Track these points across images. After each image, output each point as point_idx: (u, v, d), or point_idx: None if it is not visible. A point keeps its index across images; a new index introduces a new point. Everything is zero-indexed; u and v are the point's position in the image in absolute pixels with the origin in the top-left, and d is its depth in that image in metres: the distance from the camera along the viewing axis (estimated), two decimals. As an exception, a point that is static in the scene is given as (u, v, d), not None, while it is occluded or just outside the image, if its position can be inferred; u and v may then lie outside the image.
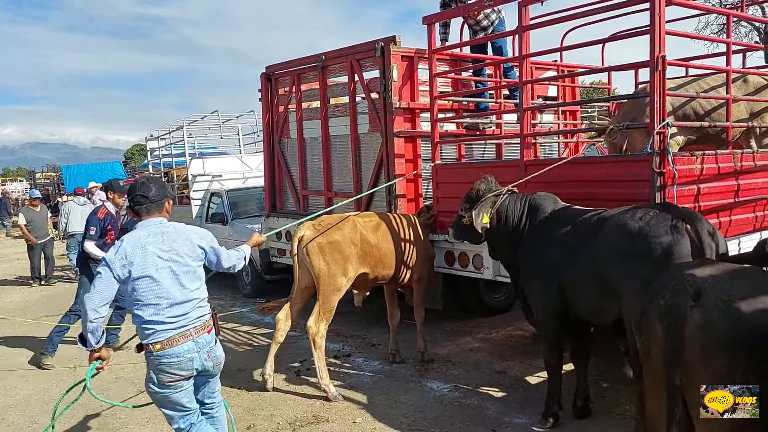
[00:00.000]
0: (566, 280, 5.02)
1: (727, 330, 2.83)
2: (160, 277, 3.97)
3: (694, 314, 2.92)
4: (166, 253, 4.02)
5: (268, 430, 5.54)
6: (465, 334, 8.11)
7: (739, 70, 6.37)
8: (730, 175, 5.98)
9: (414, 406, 5.85)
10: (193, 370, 4.06)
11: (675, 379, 2.95)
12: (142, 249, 3.98)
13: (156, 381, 4.02)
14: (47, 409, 6.23)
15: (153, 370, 4.01)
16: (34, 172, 44.93)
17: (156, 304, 3.96)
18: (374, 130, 7.88)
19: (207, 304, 4.23)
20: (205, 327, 4.12)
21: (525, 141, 6.38)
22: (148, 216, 4.16)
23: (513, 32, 6.39)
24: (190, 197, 13.23)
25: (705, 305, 2.91)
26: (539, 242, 5.29)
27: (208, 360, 4.11)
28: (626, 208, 4.78)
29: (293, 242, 6.45)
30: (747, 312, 2.84)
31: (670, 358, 2.98)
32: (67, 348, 8.40)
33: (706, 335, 2.87)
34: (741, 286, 2.96)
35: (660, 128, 5.27)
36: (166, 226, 4.18)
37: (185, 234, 4.20)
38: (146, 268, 3.95)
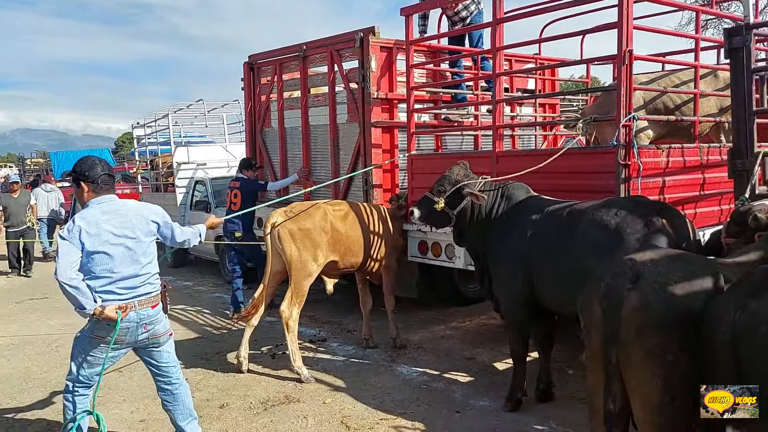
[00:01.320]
0: (536, 270, 5.13)
1: (662, 311, 2.99)
2: (114, 252, 4.17)
3: (631, 296, 3.07)
4: (119, 229, 4.21)
5: (242, 408, 5.67)
6: (438, 322, 8.27)
7: (707, 65, 6.50)
8: (696, 169, 6.13)
9: (383, 388, 6.00)
10: (126, 338, 4.29)
11: (612, 357, 3.10)
12: (96, 226, 4.16)
13: (88, 331, 4.29)
14: (27, 387, 6.38)
15: (92, 326, 4.26)
16: (23, 158, 44.74)
17: (107, 277, 4.18)
18: (353, 120, 8.01)
19: (158, 280, 4.46)
20: (150, 302, 4.35)
21: (497, 133, 6.51)
22: (98, 194, 4.33)
23: (488, 24, 6.50)
24: (175, 185, 13.32)
25: (642, 288, 3.05)
26: (510, 231, 5.38)
27: (145, 332, 4.33)
28: (601, 202, 4.89)
29: (265, 228, 6.58)
30: (681, 294, 3.00)
31: (607, 338, 3.13)
32: (48, 328, 8.55)
33: (642, 316, 3.02)
34: (678, 270, 3.10)
35: (626, 121, 5.41)
36: (118, 203, 4.38)
37: (138, 210, 4.41)
38: (100, 244, 4.14)
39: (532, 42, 7.35)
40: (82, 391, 4.42)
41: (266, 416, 5.49)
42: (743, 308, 2.72)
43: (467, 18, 8.24)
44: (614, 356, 3.09)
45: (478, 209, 5.60)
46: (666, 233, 4.44)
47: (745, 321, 2.70)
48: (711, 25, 19.49)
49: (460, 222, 5.67)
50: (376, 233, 6.93)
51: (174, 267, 13.26)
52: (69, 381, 4.41)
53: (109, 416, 5.58)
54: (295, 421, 5.36)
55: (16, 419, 5.66)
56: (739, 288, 2.87)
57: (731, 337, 2.73)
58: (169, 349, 4.59)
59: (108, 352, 4.31)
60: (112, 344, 4.23)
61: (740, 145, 4.48)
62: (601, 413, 3.21)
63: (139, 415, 5.61)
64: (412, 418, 5.31)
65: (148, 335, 4.38)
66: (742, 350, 2.71)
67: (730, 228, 4.07)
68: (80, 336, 4.38)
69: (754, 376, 2.69)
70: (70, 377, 4.40)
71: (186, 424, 4.69)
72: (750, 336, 2.68)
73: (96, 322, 4.24)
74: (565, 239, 4.87)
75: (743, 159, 4.44)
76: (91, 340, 4.30)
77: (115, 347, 4.33)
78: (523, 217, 5.31)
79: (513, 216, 5.41)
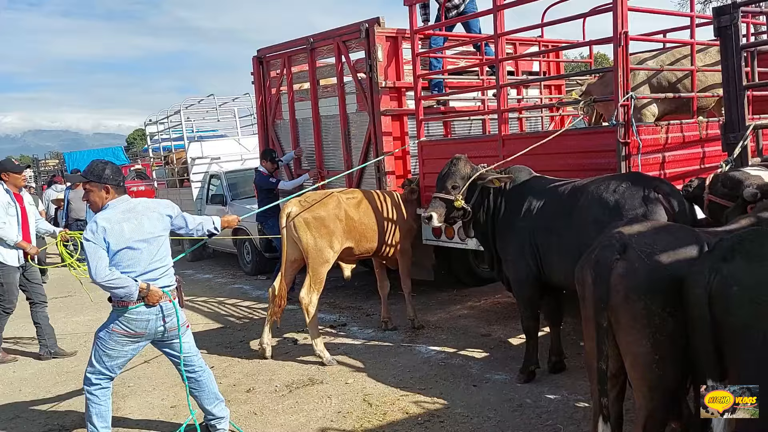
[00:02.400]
0: (542, 246, 5.37)
1: (647, 278, 3.23)
2: (136, 248, 4.47)
3: (618, 265, 3.31)
4: (138, 226, 4.50)
5: (267, 392, 5.94)
6: (455, 302, 8.51)
7: (703, 42, 6.65)
8: (696, 143, 6.31)
9: (403, 367, 6.25)
10: (146, 331, 4.58)
11: (602, 321, 3.35)
12: (118, 224, 4.45)
13: (110, 329, 4.57)
14: (60, 381, 6.68)
15: (113, 320, 4.56)
16: (37, 160, 45.22)
17: (131, 272, 4.46)
18: (362, 110, 8.23)
19: (173, 274, 4.76)
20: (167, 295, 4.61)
21: (502, 116, 6.71)
22: (113, 196, 4.60)
23: (489, 11, 6.68)
24: (190, 180, 13.59)
25: (629, 257, 3.30)
26: (515, 211, 5.60)
27: (163, 324, 4.61)
28: (599, 180, 5.09)
29: (281, 218, 6.81)
30: (665, 262, 3.23)
31: (598, 304, 3.37)
32: (75, 325, 8.86)
33: (628, 282, 3.26)
34: (662, 240, 3.34)
35: (624, 101, 5.60)
36: (132, 201, 4.67)
37: (151, 207, 4.70)
38: (124, 242, 4.43)
39: (534, 27, 7.52)
40: (103, 383, 4.71)
41: (291, 398, 5.75)
42: (717, 271, 2.95)
43: (460, 5, 8.43)
44: (605, 320, 3.34)
45: (487, 196, 5.78)
46: (662, 207, 4.65)
47: (719, 282, 2.93)
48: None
49: (475, 213, 5.85)
50: (390, 219, 7.16)
51: (193, 261, 13.56)
52: (90, 374, 4.70)
53: (141, 404, 5.91)
54: (320, 401, 5.62)
55: (53, 411, 5.96)
56: (713, 253, 3.09)
57: (707, 298, 2.95)
58: (188, 339, 4.88)
59: (127, 345, 4.62)
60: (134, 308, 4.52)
61: (732, 119, 4.67)
62: (596, 373, 3.46)
63: (169, 402, 5.89)
64: (431, 394, 5.56)
65: (165, 327, 4.65)
66: (717, 309, 2.93)
67: (717, 189, 4.29)
68: (101, 330, 4.67)
69: (726, 332, 2.92)
70: (91, 369, 4.69)
71: (213, 407, 5.00)
72: (723, 296, 2.91)
73: (117, 315, 4.54)
74: (567, 216, 5.10)
75: (735, 132, 4.63)
76: (111, 334, 4.59)
77: (135, 339, 4.64)
78: (527, 197, 5.52)
79: (517, 196, 5.61)
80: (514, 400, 5.30)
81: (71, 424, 5.61)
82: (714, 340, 2.98)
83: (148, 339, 4.71)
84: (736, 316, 2.89)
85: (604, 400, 3.46)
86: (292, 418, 5.34)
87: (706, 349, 3.01)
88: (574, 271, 3.71)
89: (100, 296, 5.11)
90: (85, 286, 6.38)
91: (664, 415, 3.41)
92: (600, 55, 22.83)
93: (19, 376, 6.99)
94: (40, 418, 5.79)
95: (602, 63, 21.53)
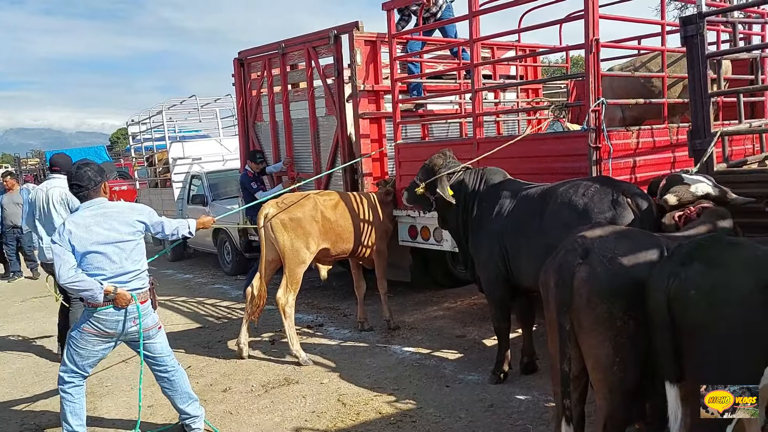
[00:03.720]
0: (511, 249, 5.47)
1: (608, 282, 3.34)
2: (104, 251, 4.54)
3: (581, 269, 3.42)
4: (107, 231, 4.56)
5: (243, 392, 6.01)
6: (431, 303, 8.60)
7: (674, 49, 6.78)
8: (667, 148, 6.43)
9: (377, 367, 6.33)
10: (116, 331, 4.66)
11: (565, 323, 3.45)
12: (86, 227, 4.52)
13: (81, 328, 4.67)
14: (38, 381, 6.71)
15: (84, 319, 4.65)
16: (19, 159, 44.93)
17: (100, 274, 4.53)
18: (330, 114, 8.40)
19: (147, 277, 4.81)
20: (139, 297, 4.69)
21: (477, 120, 6.82)
22: (87, 198, 4.68)
23: (464, 17, 6.78)
24: (172, 180, 13.60)
25: (591, 262, 3.41)
26: (487, 213, 5.71)
27: (134, 325, 4.68)
28: (569, 184, 5.18)
29: (258, 220, 6.87)
30: (626, 267, 3.35)
31: (560, 307, 3.48)
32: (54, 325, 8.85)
33: (590, 287, 3.37)
34: (623, 246, 3.45)
35: (595, 106, 5.71)
36: (107, 205, 4.72)
37: (124, 212, 4.75)
38: (91, 245, 4.50)
39: (510, 33, 7.63)
40: (76, 381, 4.81)
41: (267, 398, 5.82)
42: (675, 275, 3.07)
43: (437, 13, 8.55)
44: (567, 323, 3.45)
45: (458, 193, 5.89)
46: (630, 210, 4.76)
47: (677, 286, 3.05)
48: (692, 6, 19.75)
49: (440, 205, 6.01)
50: (366, 220, 7.24)
51: (173, 260, 13.60)
52: (62, 372, 4.79)
53: (118, 403, 5.96)
54: (295, 401, 5.69)
55: (30, 411, 5.99)
56: (672, 258, 3.21)
57: (667, 301, 3.07)
58: (160, 340, 4.95)
59: (98, 344, 4.72)
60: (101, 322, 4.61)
61: (698, 126, 4.78)
62: (559, 375, 3.56)
63: (147, 401, 5.90)
64: (404, 394, 5.64)
65: (137, 329, 4.72)
66: (676, 311, 3.05)
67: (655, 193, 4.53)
68: (74, 330, 4.77)
69: (685, 332, 3.04)
70: (64, 368, 4.79)
71: (186, 406, 5.07)
72: (681, 299, 3.03)
73: (88, 315, 4.63)
74: (536, 219, 5.20)
75: (701, 138, 4.74)
76: (82, 333, 4.68)
77: (106, 340, 4.72)
78: (499, 199, 5.62)
79: (489, 198, 5.72)
80: (485, 400, 5.40)
81: (47, 423, 5.66)
82: (672, 342, 3.09)
83: (119, 339, 4.78)
84: (694, 318, 3.00)
85: (566, 402, 3.55)
86: (267, 417, 5.41)
87: (665, 350, 3.12)
88: (540, 275, 3.81)
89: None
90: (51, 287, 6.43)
91: (625, 415, 3.52)
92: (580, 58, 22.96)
93: (-3, 375, 7.02)
94: (17, 418, 5.83)
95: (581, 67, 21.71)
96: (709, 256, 3.11)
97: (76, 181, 4.68)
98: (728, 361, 2.94)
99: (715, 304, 2.96)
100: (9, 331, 8.88)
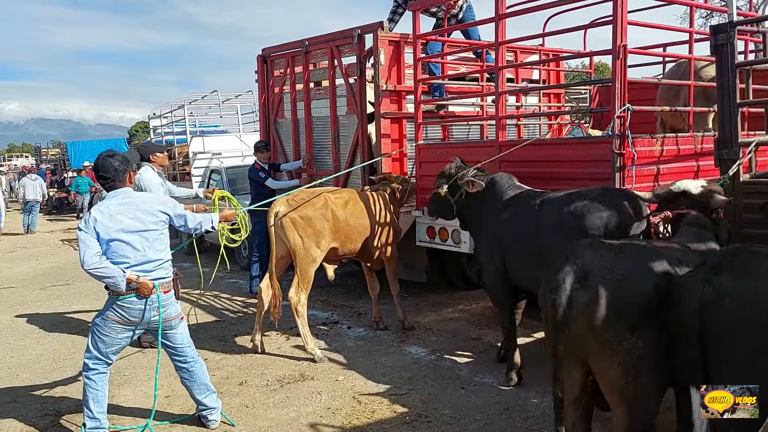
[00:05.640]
0: (512, 252, 5.61)
1: (612, 305, 3.28)
2: (128, 240, 4.62)
3: (581, 295, 3.34)
4: (132, 219, 4.64)
5: (259, 385, 6.04)
6: (447, 305, 8.60)
7: (701, 57, 6.75)
8: (690, 157, 6.40)
9: (392, 367, 6.35)
10: (139, 320, 4.75)
11: (558, 349, 3.41)
12: (110, 216, 4.61)
13: (105, 315, 4.76)
14: (57, 367, 6.78)
15: (108, 307, 4.74)
16: (39, 148, 45.28)
17: (124, 262, 4.62)
18: (351, 112, 8.44)
19: (170, 267, 4.89)
20: (162, 287, 4.78)
21: (500, 123, 6.81)
22: (113, 189, 4.77)
23: (490, 20, 6.78)
24: (191, 174, 13.68)
25: (591, 285, 3.33)
26: (491, 216, 5.87)
27: (156, 315, 4.76)
28: (571, 192, 5.33)
29: (269, 217, 6.89)
30: (628, 286, 3.31)
31: (555, 333, 3.43)
32: (73, 313, 8.95)
33: (594, 312, 3.30)
34: (620, 264, 3.39)
35: (620, 112, 5.70)
36: (132, 195, 4.81)
37: (148, 202, 4.84)
38: (115, 232, 4.59)
39: (535, 36, 7.63)
40: (100, 368, 4.88)
41: (282, 392, 5.85)
42: (709, 283, 3.07)
43: (458, 14, 8.55)
44: (562, 347, 3.39)
45: (473, 197, 6.00)
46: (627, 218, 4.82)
47: (712, 294, 3.05)
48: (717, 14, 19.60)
49: (460, 209, 6.16)
50: (376, 220, 7.21)
51: (189, 254, 13.63)
52: (87, 359, 4.88)
53: (136, 393, 6.01)
54: (310, 397, 5.71)
55: (49, 396, 6.06)
56: (704, 267, 3.20)
57: (699, 309, 3.06)
58: (182, 330, 5.03)
59: (121, 332, 4.80)
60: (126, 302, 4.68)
61: (725, 135, 4.76)
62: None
63: (164, 392, 5.97)
64: (419, 394, 5.66)
65: (159, 317, 4.79)
66: (709, 319, 3.05)
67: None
68: (98, 317, 4.85)
69: (715, 339, 3.04)
70: (88, 354, 4.88)
71: (204, 397, 5.13)
72: (715, 307, 3.03)
73: (111, 303, 4.71)
74: (535, 224, 5.35)
75: (728, 148, 4.72)
76: (106, 321, 4.77)
77: (128, 327, 4.81)
78: (504, 205, 5.79)
79: (496, 203, 5.86)
80: (501, 403, 5.40)
81: (66, 408, 5.71)
82: (702, 350, 3.09)
83: (142, 327, 4.86)
84: (725, 326, 3.01)
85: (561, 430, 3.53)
86: (283, 412, 5.44)
87: (693, 358, 3.12)
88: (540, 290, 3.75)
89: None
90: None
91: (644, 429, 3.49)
92: (601, 64, 22.92)
93: (17, 361, 7.08)
94: (37, 403, 5.88)
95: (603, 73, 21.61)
96: (740, 265, 3.14)
97: (103, 172, 4.78)
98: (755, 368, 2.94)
99: (747, 312, 2.96)
100: (28, 318, 8.96)
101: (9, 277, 12.36)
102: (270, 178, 9.24)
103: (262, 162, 9.28)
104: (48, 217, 25.09)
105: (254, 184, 9.25)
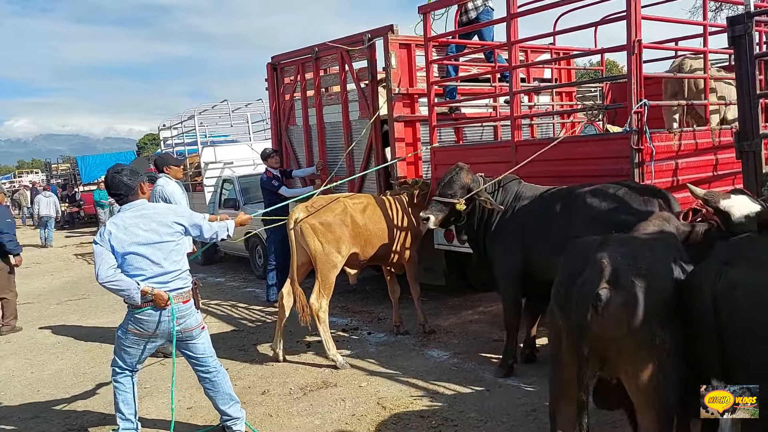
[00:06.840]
0: (533, 248, 5.67)
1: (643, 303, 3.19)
2: (144, 252, 4.60)
3: (614, 296, 3.20)
4: (146, 231, 4.62)
5: (282, 394, 6.01)
6: (467, 307, 8.56)
7: (716, 50, 6.70)
8: (709, 150, 6.34)
9: (415, 371, 6.30)
10: (158, 332, 4.73)
11: (583, 349, 3.24)
12: (125, 229, 4.59)
13: (125, 328, 4.77)
14: (78, 382, 6.77)
15: (127, 320, 4.75)
16: (49, 164, 45.44)
17: (140, 274, 4.59)
18: (364, 117, 8.40)
19: (188, 277, 4.87)
20: (181, 297, 4.75)
21: (515, 123, 6.77)
22: (127, 202, 4.74)
23: (502, 20, 6.75)
24: (203, 184, 13.69)
25: (623, 284, 3.22)
26: (506, 216, 5.92)
27: (177, 326, 4.72)
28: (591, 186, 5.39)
29: (288, 223, 6.86)
30: (656, 282, 3.25)
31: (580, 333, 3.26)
32: (90, 327, 8.95)
33: (628, 312, 3.20)
34: (645, 259, 3.32)
35: (637, 108, 5.65)
36: (147, 207, 4.78)
37: (163, 213, 4.80)
38: (130, 245, 4.56)
39: (546, 35, 7.59)
40: (127, 373, 4.91)
41: (306, 400, 5.82)
42: (721, 275, 3.05)
43: (474, 15, 8.52)
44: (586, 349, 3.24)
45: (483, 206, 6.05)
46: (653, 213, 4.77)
47: (724, 285, 3.04)
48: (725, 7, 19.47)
49: (469, 219, 6.17)
50: (395, 225, 7.18)
51: (204, 264, 13.65)
52: (114, 366, 4.92)
53: (158, 405, 5.98)
54: (334, 404, 5.68)
55: (72, 411, 6.04)
56: (716, 258, 3.18)
57: (713, 300, 3.05)
58: (203, 340, 4.99)
59: (142, 344, 4.80)
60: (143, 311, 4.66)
61: (746, 127, 4.71)
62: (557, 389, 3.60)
63: (186, 403, 5.95)
64: (444, 397, 5.62)
65: (180, 329, 4.77)
66: (722, 310, 3.03)
67: None
68: (119, 329, 4.86)
69: (731, 331, 3.01)
70: (114, 365, 4.91)
71: (228, 407, 5.08)
72: (728, 298, 3.02)
73: (131, 316, 4.70)
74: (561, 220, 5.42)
75: (749, 140, 4.67)
76: (127, 333, 4.77)
77: (150, 339, 4.79)
78: (519, 204, 5.91)
79: (509, 203, 5.97)
80: (527, 405, 5.34)
81: (90, 423, 5.70)
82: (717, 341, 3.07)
83: (162, 339, 4.83)
84: (739, 317, 2.99)
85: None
86: (307, 420, 5.40)
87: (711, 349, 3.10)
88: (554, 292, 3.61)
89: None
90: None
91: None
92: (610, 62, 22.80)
93: (38, 377, 7.08)
94: (59, 418, 5.88)
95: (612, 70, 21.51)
96: (751, 256, 3.14)
97: (114, 189, 4.77)
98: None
99: (760, 302, 2.95)
100: (45, 332, 8.98)
101: (25, 292, 12.36)
102: (283, 186, 9.19)
103: (273, 169, 9.24)
104: (65, 233, 25.02)
105: (267, 193, 9.20)
